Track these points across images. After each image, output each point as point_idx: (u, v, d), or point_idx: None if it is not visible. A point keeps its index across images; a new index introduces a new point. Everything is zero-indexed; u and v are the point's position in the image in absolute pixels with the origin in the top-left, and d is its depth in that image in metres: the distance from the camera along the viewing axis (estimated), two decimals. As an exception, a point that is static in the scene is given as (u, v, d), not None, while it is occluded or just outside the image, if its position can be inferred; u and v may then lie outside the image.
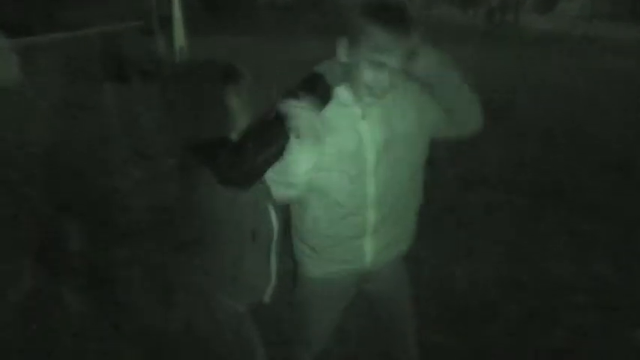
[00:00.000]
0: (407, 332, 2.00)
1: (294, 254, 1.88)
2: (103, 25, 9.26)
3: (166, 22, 8.94)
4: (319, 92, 1.50)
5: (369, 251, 1.75)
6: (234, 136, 1.63)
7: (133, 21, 9.62)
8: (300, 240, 1.81)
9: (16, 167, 4.71)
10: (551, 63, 11.28)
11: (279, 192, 1.62)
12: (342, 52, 1.52)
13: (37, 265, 3.25)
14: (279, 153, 1.49)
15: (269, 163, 1.50)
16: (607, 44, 14.07)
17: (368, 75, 1.48)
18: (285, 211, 1.81)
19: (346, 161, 1.61)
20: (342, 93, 1.60)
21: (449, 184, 4.51)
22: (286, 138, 1.48)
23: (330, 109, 1.55)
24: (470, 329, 2.75)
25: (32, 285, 3.05)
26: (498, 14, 19.27)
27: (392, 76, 1.48)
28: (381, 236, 1.75)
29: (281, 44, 12.73)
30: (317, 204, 1.69)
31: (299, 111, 1.45)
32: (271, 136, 1.48)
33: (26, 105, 6.99)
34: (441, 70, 1.53)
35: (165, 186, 4.30)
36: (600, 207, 4.14)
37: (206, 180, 1.56)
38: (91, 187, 4.40)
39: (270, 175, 1.56)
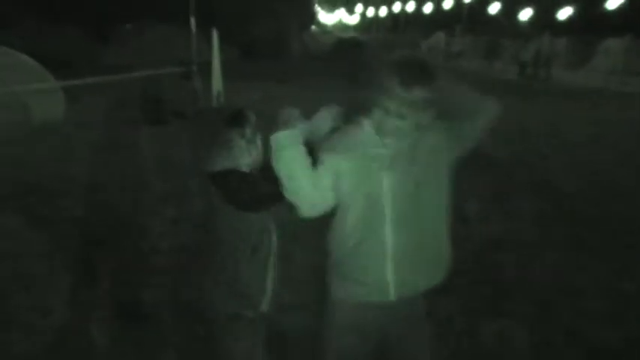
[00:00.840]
0: None
1: (325, 276, 1.96)
2: (145, 69, 9.66)
3: (206, 68, 9.27)
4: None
5: (391, 280, 1.77)
6: (244, 168, 1.97)
7: (175, 67, 10.00)
8: (330, 257, 1.91)
9: (54, 204, 4.87)
10: (580, 115, 11.21)
11: (305, 211, 1.79)
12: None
13: (68, 301, 3.31)
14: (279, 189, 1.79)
15: (274, 195, 1.85)
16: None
17: (390, 123, 1.64)
18: None
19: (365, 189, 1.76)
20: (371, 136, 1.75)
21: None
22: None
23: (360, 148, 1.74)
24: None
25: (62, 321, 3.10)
26: (530, 68, 19.37)
27: (411, 125, 1.65)
28: (404, 263, 1.76)
29: (308, 90, 13.05)
30: (341, 222, 1.83)
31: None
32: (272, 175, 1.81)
33: (70, 143, 7.29)
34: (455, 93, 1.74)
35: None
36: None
37: (219, 200, 1.93)
38: (126, 225, 4.48)
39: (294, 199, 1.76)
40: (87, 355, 2.80)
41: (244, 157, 1.99)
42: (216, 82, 9.29)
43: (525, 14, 36.15)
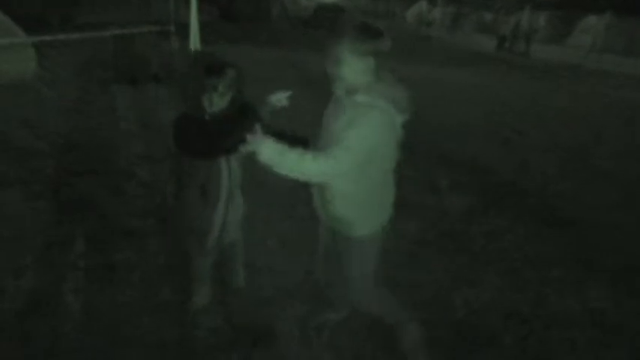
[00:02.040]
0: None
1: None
2: (120, 28, 9.34)
3: (184, 29, 9.03)
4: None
5: None
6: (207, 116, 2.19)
7: (151, 26, 9.70)
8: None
9: (26, 164, 4.74)
10: (557, 91, 11.36)
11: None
12: None
13: (40, 263, 3.27)
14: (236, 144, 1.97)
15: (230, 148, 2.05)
16: (618, 77, 14.15)
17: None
18: None
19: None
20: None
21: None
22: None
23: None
24: (465, 356, 2.75)
25: (34, 283, 3.07)
26: (508, 42, 19.42)
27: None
28: None
29: (287, 53, 12.89)
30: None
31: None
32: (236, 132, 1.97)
33: (41, 101, 7.07)
34: None
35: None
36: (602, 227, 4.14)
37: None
38: (100, 186, 4.41)
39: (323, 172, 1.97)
40: (59, 319, 2.78)
41: (210, 107, 2.19)
42: (194, 43, 9.06)
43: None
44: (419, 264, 3.55)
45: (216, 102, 2.21)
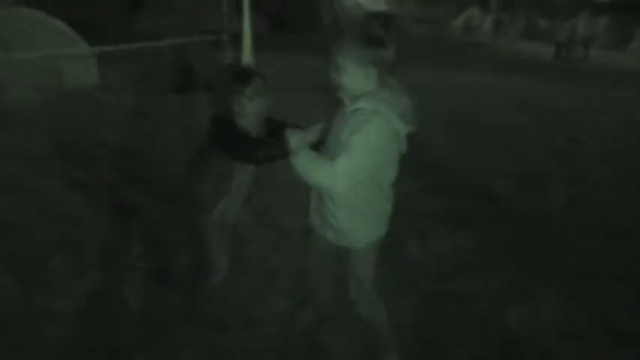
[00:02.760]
0: None
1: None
2: (175, 37, 9.68)
3: (237, 38, 9.25)
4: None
5: None
6: (244, 122, 2.36)
7: (205, 35, 10.00)
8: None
9: (88, 169, 4.98)
10: (616, 99, 10.87)
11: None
12: None
13: (101, 264, 3.42)
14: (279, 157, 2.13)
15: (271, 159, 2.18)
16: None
17: None
18: None
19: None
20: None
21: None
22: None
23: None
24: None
25: (95, 283, 3.21)
26: (565, 49, 18.79)
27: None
28: None
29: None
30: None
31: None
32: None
33: (102, 108, 7.41)
34: None
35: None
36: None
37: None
38: (157, 191, 4.57)
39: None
40: (119, 318, 2.90)
41: (241, 111, 2.35)
42: (246, 53, 9.26)
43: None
44: (472, 276, 3.48)
45: (246, 106, 2.36)
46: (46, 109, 6.98)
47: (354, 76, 1.98)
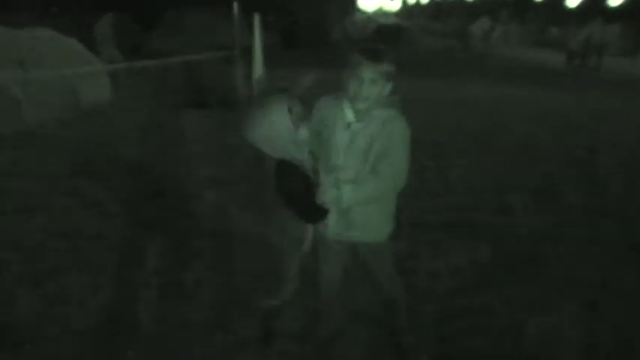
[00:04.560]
0: None
1: None
2: (188, 55, 9.80)
3: (248, 54, 9.32)
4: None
5: None
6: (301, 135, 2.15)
7: (217, 51, 10.12)
8: None
9: (102, 186, 5.02)
10: (632, 107, 10.74)
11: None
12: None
13: (116, 280, 3.43)
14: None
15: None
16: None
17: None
18: None
19: None
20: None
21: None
22: None
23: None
24: None
25: (110, 299, 3.21)
26: (579, 57, 18.66)
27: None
28: None
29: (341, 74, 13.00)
30: None
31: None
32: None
33: (116, 126, 7.50)
34: None
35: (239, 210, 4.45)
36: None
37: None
38: (171, 208, 4.59)
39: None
40: (134, 333, 2.89)
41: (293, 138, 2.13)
42: (258, 68, 9.31)
43: (574, 0, 34.73)
44: (490, 288, 3.42)
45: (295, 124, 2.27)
46: (62, 128, 7.07)
47: (374, 85, 2.12)
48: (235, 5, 9.26)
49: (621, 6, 31.38)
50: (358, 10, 40.28)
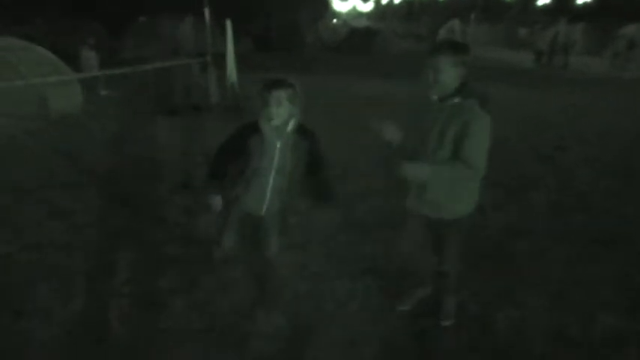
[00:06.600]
0: None
1: None
2: (159, 61, 9.73)
3: (221, 59, 9.32)
4: None
5: None
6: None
7: (190, 58, 10.09)
8: None
9: (72, 195, 4.96)
10: (598, 103, 11.05)
11: None
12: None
13: (87, 290, 3.39)
14: None
15: None
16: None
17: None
18: None
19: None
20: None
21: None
22: None
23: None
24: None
25: (81, 309, 3.18)
26: (546, 56, 19.10)
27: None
28: None
29: (320, 78, 13.12)
30: None
31: None
32: None
33: (87, 134, 7.41)
34: None
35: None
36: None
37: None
38: (142, 215, 4.56)
39: None
40: (104, 343, 2.87)
41: (276, 117, 2.58)
42: (231, 74, 9.32)
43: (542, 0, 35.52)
44: (461, 283, 3.48)
45: (277, 113, 2.58)
46: (32, 138, 6.97)
47: (450, 74, 2.45)
48: (206, 11, 9.26)
49: (585, 4, 32.26)
50: (333, 12, 40.56)
